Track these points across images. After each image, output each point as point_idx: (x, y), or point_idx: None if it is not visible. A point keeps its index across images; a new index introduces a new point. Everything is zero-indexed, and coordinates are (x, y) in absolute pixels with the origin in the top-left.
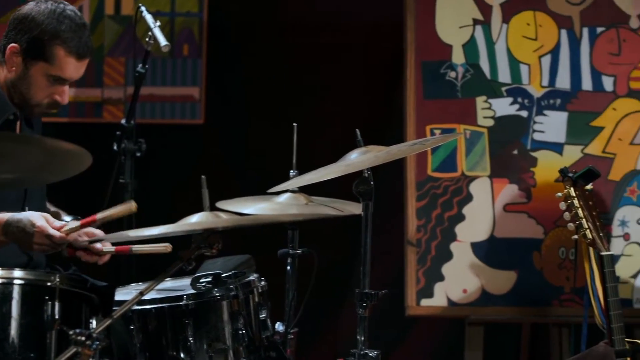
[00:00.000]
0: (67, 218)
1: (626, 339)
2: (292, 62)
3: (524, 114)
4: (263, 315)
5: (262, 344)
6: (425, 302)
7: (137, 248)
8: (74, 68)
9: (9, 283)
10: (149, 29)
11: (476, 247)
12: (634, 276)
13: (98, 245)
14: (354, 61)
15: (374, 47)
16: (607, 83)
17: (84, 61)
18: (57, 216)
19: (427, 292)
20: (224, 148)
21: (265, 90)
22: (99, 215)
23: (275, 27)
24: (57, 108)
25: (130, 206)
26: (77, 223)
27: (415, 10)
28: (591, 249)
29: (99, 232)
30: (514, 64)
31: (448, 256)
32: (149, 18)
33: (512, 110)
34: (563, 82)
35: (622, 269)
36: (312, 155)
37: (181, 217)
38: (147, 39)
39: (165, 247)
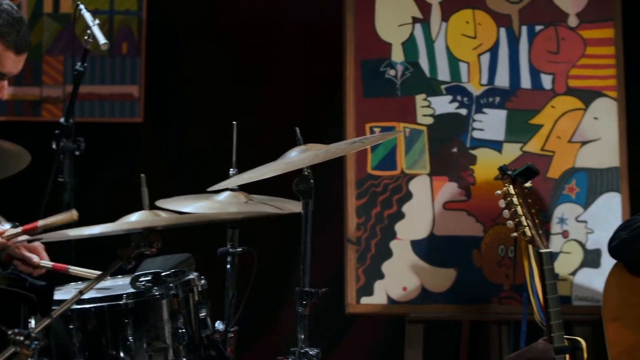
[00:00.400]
0: (7, 225)
1: (565, 336)
2: (232, 61)
3: (464, 112)
4: (203, 314)
5: (202, 343)
6: (365, 300)
7: (73, 270)
8: (12, 62)
9: None
10: (88, 27)
11: (416, 245)
12: (573, 273)
13: (35, 258)
14: (294, 60)
15: (314, 46)
16: (546, 81)
17: (23, 55)
18: None
19: (367, 290)
20: (163, 146)
21: (205, 89)
22: (41, 223)
23: (215, 26)
24: None
25: (72, 215)
26: (18, 229)
27: (354, 8)
28: (530, 247)
29: (39, 246)
30: (453, 62)
31: (388, 254)
32: (87, 16)
33: (452, 108)
34: (502, 80)
35: (561, 266)
36: (252, 154)
37: (121, 216)
38: (85, 37)
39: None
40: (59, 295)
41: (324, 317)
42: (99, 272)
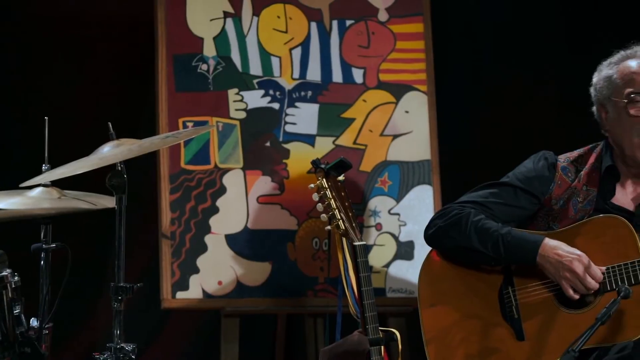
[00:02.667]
0: None
1: (380, 328)
2: (43, 55)
3: (276, 106)
4: (17, 311)
5: (16, 340)
6: (180, 294)
7: None
8: None
9: None
10: None
11: (230, 239)
12: (387, 265)
13: None
14: (106, 54)
15: (126, 40)
16: (357, 75)
17: None
18: None
19: (183, 285)
20: None
21: (15, 84)
22: None
23: (26, 19)
24: None
25: None
26: None
27: (165, 3)
28: (344, 240)
29: None
30: (265, 56)
31: (203, 248)
32: None
33: (264, 102)
34: (314, 74)
35: (375, 259)
36: (65, 149)
37: None
38: None
39: None
40: None
41: (140, 312)
42: None
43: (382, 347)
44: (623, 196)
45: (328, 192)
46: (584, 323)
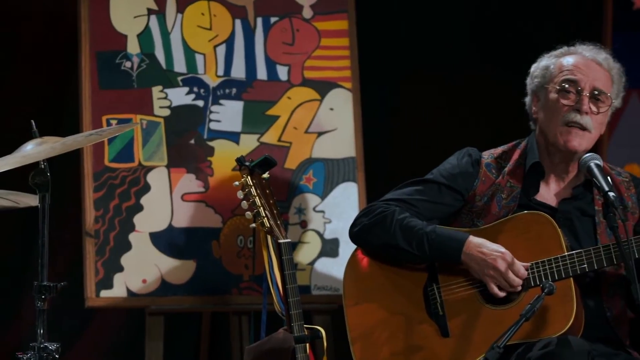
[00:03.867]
0: None
1: (305, 325)
2: None
3: (200, 103)
4: None
5: None
6: (104, 293)
7: None
8: None
9: None
10: None
11: (155, 237)
12: (312, 263)
13: None
14: (29, 51)
15: (49, 37)
16: (282, 72)
17: None
18: None
19: (107, 283)
20: None
21: None
22: None
23: None
24: None
25: None
26: None
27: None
28: (269, 237)
29: None
30: (190, 53)
31: (127, 247)
32: None
33: (188, 100)
34: (238, 71)
35: (300, 256)
36: None
37: None
38: None
39: None
40: None
41: (64, 311)
42: None
43: (308, 344)
44: (547, 193)
45: (253, 190)
46: (509, 319)
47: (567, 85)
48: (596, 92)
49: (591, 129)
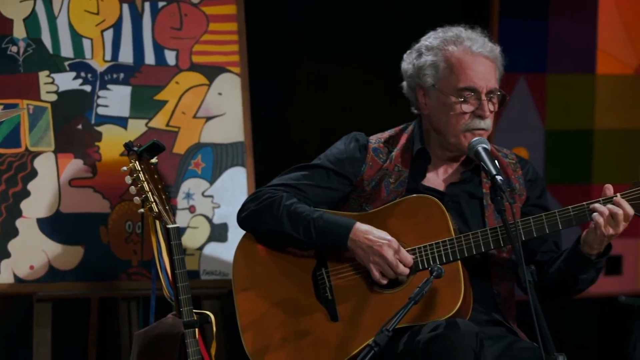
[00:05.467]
0: None
1: (194, 310)
2: None
3: (88, 88)
4: None
5: None
6: None
7: None
8: None
9: None
10: None
11: (42, 223)
12: (201, 248)
13: None
14: None
15: None
16: (170, 57)
17: None
18: None
19: None
20: None
21: None
22: None
23: None
24: None
25: None
26: None
27: None
28: (157, 222)
29: None
30: (76, 38)
31: (14, 233)
32: None
33: (76, 85)
34: (126, 56)
35: (189, 241)
36: None
37: None
38: None
39: None
40: None
41: None
42: None
43: (197, 329)
44: (434, 177)
45: (141, 175)
46: (398, 303)
47: (466, 93)
48: (491, 93)
49: (490, 127)
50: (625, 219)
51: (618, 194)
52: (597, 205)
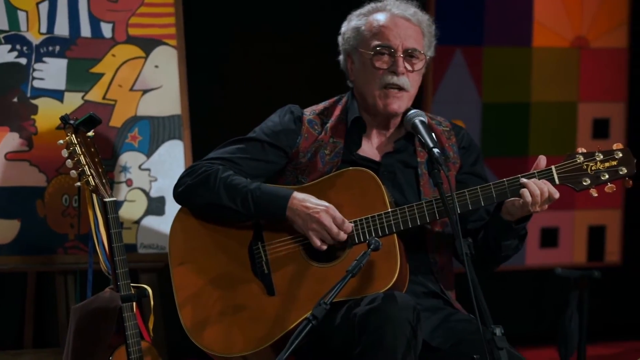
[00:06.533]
0: None
1: (132, 284)
2: None
3: (23, 61)
4: None
5: None
6: None
7: None
8: None
9: None
10: None
11: None
12: (138, 221)
13: None
14: None
15: None
16: (106, 29)
17: None
18: None
19: None
20: None
21: None
22: None
23: None
24: None
25: None
26: None
27: None
28: (94, 196)
29: None
30: (11, 10)
31: None
32: None
33: (11, 57)
34: (62, 28)
35: (126, 215)
36: None
37: None
38: None
39: None
40: None
41: None
42: None
43: (134, 303)
44: (369, 147)
45: (77, 148)
46: (335, 276)
47: (380, 49)
48: (409, 51)
49: (409, 87)
50: (550, 199)
51: (553, 167)
52: (525, 180)
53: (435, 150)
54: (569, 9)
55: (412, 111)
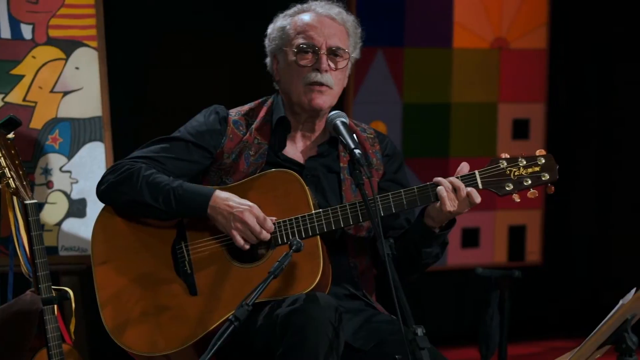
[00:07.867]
0: None
1: (53, 287)
2: None
3: None
4: None
5: None
6: None
7: None
8: None
9: None
10: None
11: None
12: (59, 224)
13: None
14: None
15: None
16: (26, 31)
17: None
18: None
19: None
20: None
21: None
22: None
23: None
24: None
25: None
26: None
27: None
28: (15, 198)
29: None
30: None
31: None
32: None
33: None
34: None
35: (47, 217)
36: None
37: None
38: None
39: None
40: None
41: None
42: None
43: (56, 306)
44: (294, 150)
45: None
46: (257, 277)
47: (304, 47)
48: (333, 49)
49: (332, 85)
50: (470, 202)
51: (476, 171)
52: (439, 178)
53: (357, 151)
54: (489, 10)
55: (333, 112)
